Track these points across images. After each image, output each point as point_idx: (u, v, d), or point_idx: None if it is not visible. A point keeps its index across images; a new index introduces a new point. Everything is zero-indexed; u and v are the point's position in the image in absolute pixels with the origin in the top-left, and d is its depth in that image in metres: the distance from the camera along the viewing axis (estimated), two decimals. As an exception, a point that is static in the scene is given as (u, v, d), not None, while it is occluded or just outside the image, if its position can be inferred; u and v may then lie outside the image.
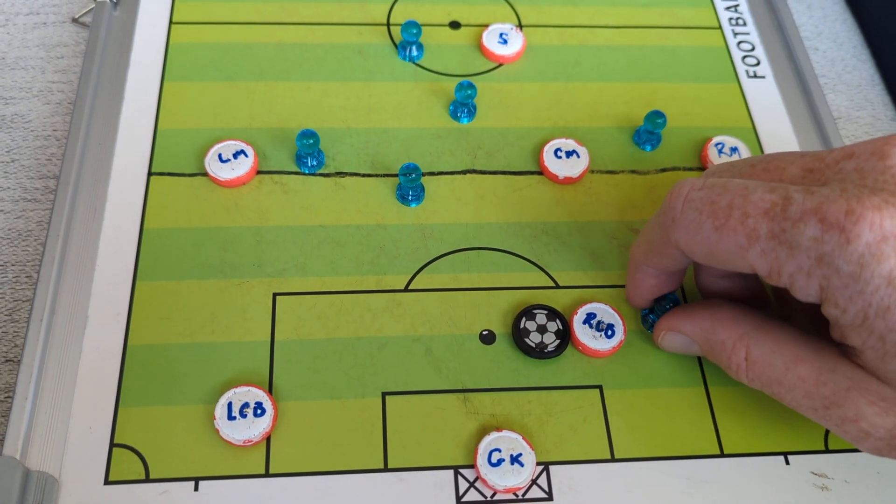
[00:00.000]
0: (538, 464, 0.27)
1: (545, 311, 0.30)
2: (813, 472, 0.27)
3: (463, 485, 0.26)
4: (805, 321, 0.27)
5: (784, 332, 0.25)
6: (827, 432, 0.28)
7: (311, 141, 0.32)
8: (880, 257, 0.20)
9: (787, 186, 0.23)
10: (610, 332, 0.29)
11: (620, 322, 0.29)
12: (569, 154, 0.34)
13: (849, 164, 0.23)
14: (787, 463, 0.28)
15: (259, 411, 0.27)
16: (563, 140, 0.34)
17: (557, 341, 0.29)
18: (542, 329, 0.29)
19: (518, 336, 0.29)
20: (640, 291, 0.29)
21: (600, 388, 0.29)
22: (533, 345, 0.29)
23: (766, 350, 0.25)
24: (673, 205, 0.25)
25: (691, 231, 0.24)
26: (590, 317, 0.29)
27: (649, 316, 0.30)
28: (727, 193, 0.23)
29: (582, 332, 0.29)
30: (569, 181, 0.33)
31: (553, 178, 0.33)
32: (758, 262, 0.23)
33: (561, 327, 0.29)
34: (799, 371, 0.24)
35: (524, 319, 0.29)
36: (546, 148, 0.34)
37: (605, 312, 0.30)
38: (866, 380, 0.23)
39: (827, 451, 0.28)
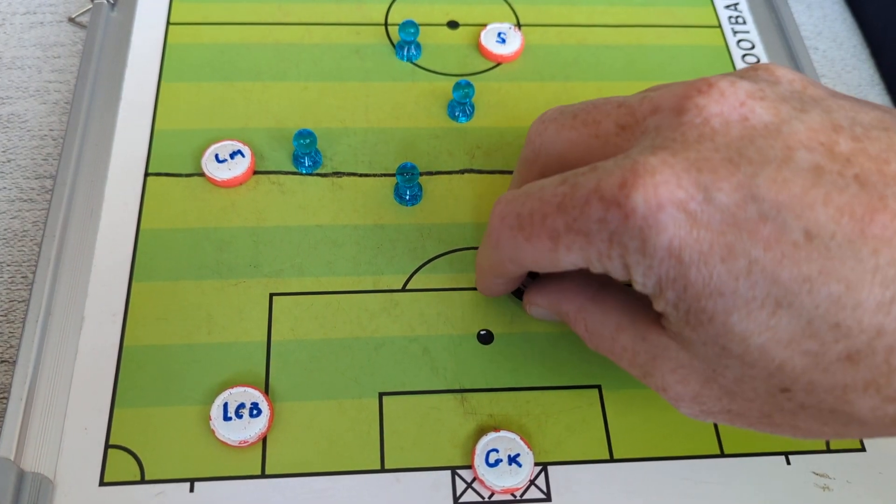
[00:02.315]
0: (536, 464, 0.27)
1: None
2: (814, 472, 0.27)
3: (460, 485, 0.26)
4: None
5: (615, 301, 0.24)
6: (827, 432, 0.28)
7: (308, 141, 0.32)
8: (658, 228, 0.19)
9: (576, 172, 0.22)
10: None
11: None
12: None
13: (653, 119, 0.22)
14: (788, 463, 0.27)
15: (255, 412, 0.27)
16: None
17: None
18: (533, 275, 0.29)
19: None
20: (492, 292, 0.29)
21: (599, 387, 0.28)
22: (524, 288, 0.29)
23: (596, 321, 0.25)
24: (493, 226, 0.24)
25: (511, 248, 0.23)
26: None
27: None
28: (528, 200, 0.23)
29: None
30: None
31: (551, 178, 0.33)
32: (570, 259, 0.22)
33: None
34: (621, 340, 0.24)
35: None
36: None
37: None
38: (669, 347, 0.22)
39: (828, 450, 0.28)
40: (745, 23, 0.40)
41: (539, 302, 0.27)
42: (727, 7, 0.40)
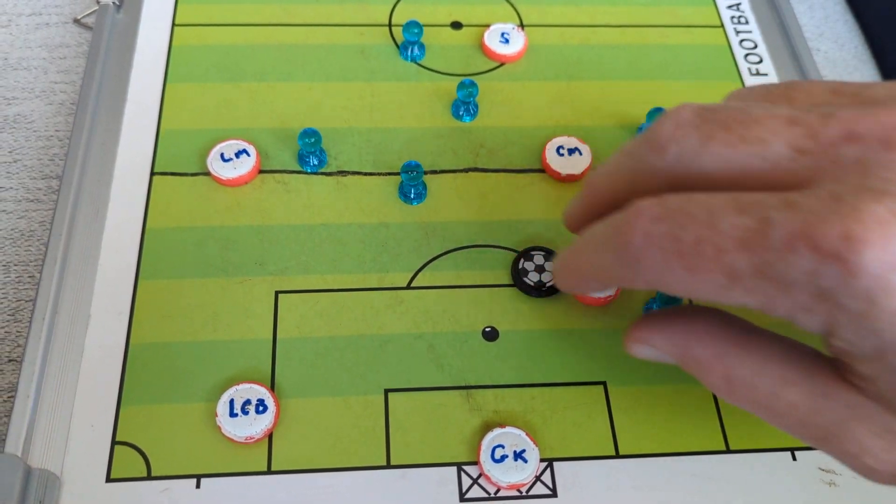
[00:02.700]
0: (542, 460, 0.27)
1: (542, 252, 0.31)
2: (820, 468, 0.27)
3: (466, 481, 0.26)
4: None
5: (769, 347, 0.21)
6: (833, 427, 0.28)
7: (313, 140, 0.32)
8: (891, 290, 0.17)
9: (760, 200, 0.18)
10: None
11: None
12: (571, 152, 0.33)
13: (850, 150, 0.18)
14: (794, 459, 0.27)
15: (261, 408, 0.27)
16: (565, 138, 0.34)
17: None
18: (540, 269, 0.30)
19: (517, 276, 0.30)
20: (579, 291, 0.26)
21: (604, 384, 0.28)
22: (532, 283, 0.30)
23: (748, 371, 0.21)
24: (631, 241, 0.20)
25: (658, 273, 0.20)
26: None
27: (653, 308, 0.30)
28: (691, 225, 0.19)
29: None
30: (571, 179, 0.33)
31: (555, 176, 0.33)
32: (745, 300, 0.19)
33: None
34: (788, 396, 0.20)
35: (522, 260, 0.30)
36: (548, 146, 0.34)
37: None
38: (868, 408, 0.19)
39: (833, 446, 0.28)
40: (747, 22, 0.40)
41: (655, 342, 0.24)
42: (729, 7, 0.40)
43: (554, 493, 0.26)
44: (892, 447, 0.19)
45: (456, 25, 0.38)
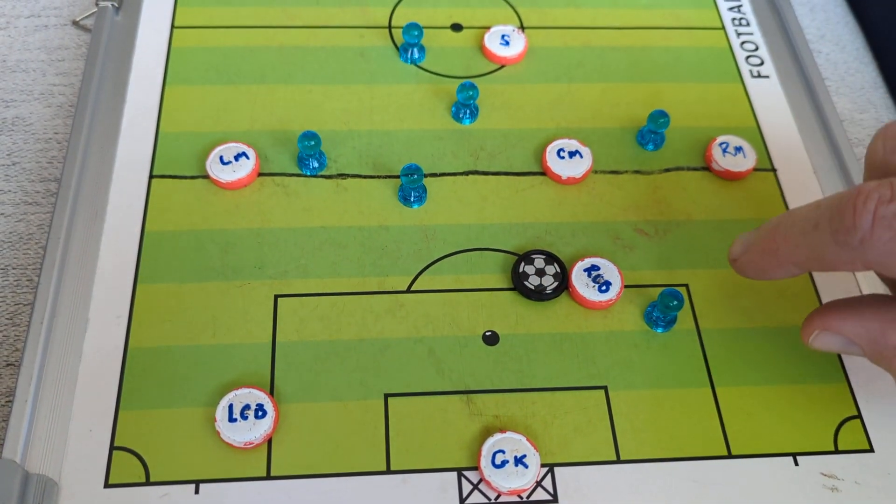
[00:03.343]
0: (543, 465, 0.27)
1: (543, 256, 0.31)
2: (822, 473, 0.27)
3: (467, 487, 0.26)
4: None
5: None
6: (837, 433, 0.28)
7: (313, 143, 0.32)
8: None
9: None
10: (604, 288, 0.30)
11: (619, 283, 0.30)
12: (571, 154, 0.33)
13: None
14: (797, 464, 0.27)
15: (260, 413, 0.26)
16: (566, 140, 0.34)
17: (555, 283, 0.30)
18: (540, 272, 0.30)
19: (517, 279, 0.30)
20: (769, 274, 0.25)
21: (605, 388, 0.28)
22: (532, 287, 0.30)
23: None
24: (860, 223, 0.21)
25: (888, 254, 0.20)
26: (592, 268, 0.30)
27: (653, 313, 0.30)
28: None
29: (578, 279, 0.30)
30: (572, 181, 0.33)
31: (556, 179, 0.33)
32: None
33: (559, 271, 0.30)
34: None
35: (523, 264, 0.30)
36: (549, 148, 0.33)
37: (609, 270, 0.30)
38: None
39: (836, 451, 0.28)
40: (748, 24, 0.40)
41: (846, 329, 0.24)
42: (731, 9, 0.40)
43: (555, 499, 0.26)
44: None
45: (456, 27, 0.38)
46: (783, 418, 0.28)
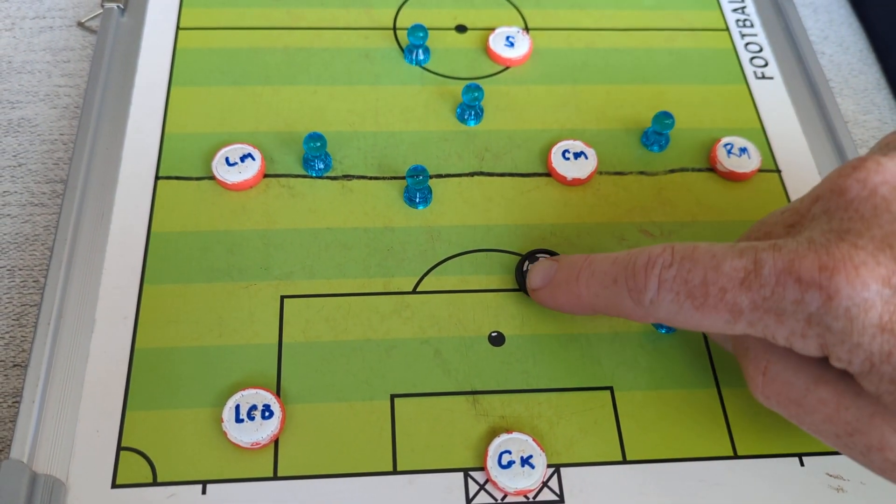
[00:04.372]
0: (549, 466, 0.27)
1: (546, 256, 0.31)
2: (828, 474, 0.27)
3: (473, 487, 0.26)
4: None
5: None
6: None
7: (319, 144, 0.32)
8: (866, 307, 0.20)
9: (754, 246, 0.22)
10: None
11: None
12: (577, 155, 0.33)
13: (817, 207, 0.22)
14: (802, 464, 0.27)
15: (267, 414, 0.27)
16: (571, 142, 0.34)
17: None
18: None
19: (521, 279, 0.30)
20: (567, 310, 0.28)
21: (611, 389, 0.28)
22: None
23: (787, 367, 0.23)
24: (647, 285, 0.24)
25: (672, 312, 0.23)
26: None
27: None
28: (698, 268, 0.23)
29: None
30: (577, 182, 0.33)
31: (561, 180, 0.33)
32: (749, 331, 0.22)
33: None
34: (820, 393, 0.22)
35: (526, 263, 0.30)
36: (554, 150, 0.34)
37: None
38: (891, 410, 0.21)
39: (842, 452, 0.28)
40: (752, 26, 0.40)
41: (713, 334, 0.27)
42: (735, 10, 0.40)
43: (561, 499, 0.26)
44: None
45: (461, 29, 0.38)
46: (789, 419, 0.28)
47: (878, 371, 0.20)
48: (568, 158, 0.33)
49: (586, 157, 0.33)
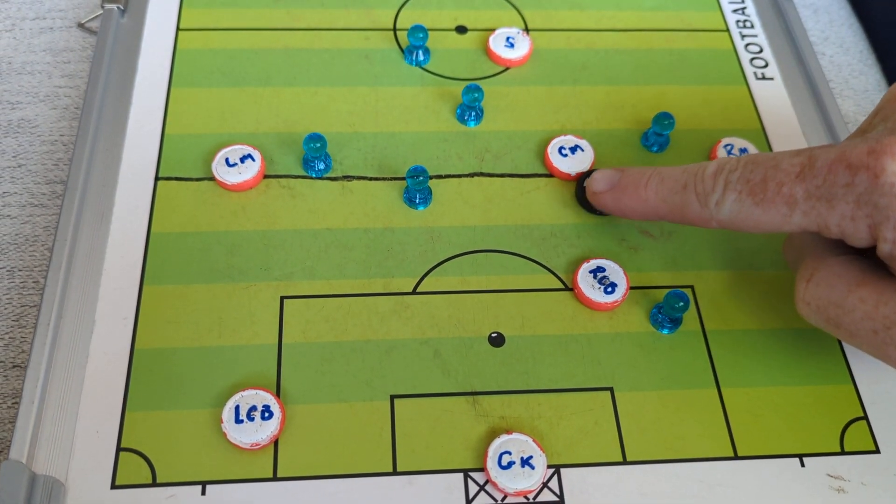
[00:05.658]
0: (549, 466, 0.27)
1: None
2: (829, 475, 0.27)
3: (473, 488, 0.26)
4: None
5: (854, 259, 0.25)
6: (843, 434, 0.28)
7: (319, 145, 0.32)
8: None
9: (810, 148, 0.24)
10: (610, 289, 0.30)
11: (625, 285, 0.30)
12: (573, 150, 0.33)
13: (877, 118, 0.25)
14: (803, 465, 0.27)
15: (267, 414, 0.26)
16: (562, 138, 0.34)
17: None
18: None
19: (580, 193, 0.32)
20: (622, 215, 0.31)
21: (611, 389, 0.28)
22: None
23: (831, 273, 0.25)
24: (714, 187, 0.26)
25: (734, 212, 0.26)
26: (598, 270, 0.30)
27: (659, 314, 0.30)
28: (759, 168, 0.25)
29: (584, 280, 0.30)
30: (581, 176, 0.33)
31: (565, 178, 0.33)
32: (804, 223, 0.24)
33: None
34: (860, 293, 0.24)
35: (586, 180, 0.32)
36: (549, 150, 0.33)
37: (615, 271, 0.30)
38: None
39: (843, 452, 0.28)
40: (752, 27, 0.40)
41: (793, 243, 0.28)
42: (735, 11, 0.40)
43: (561, 500, 0.26)
44: None
45: (461, 30, 0.38)
46: (789, 419, 0.28)
47: None
48: (565, 155, 0.33)
49: (582, 150, 0.34)
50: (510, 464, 0.26)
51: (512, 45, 0.37)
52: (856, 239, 0.24)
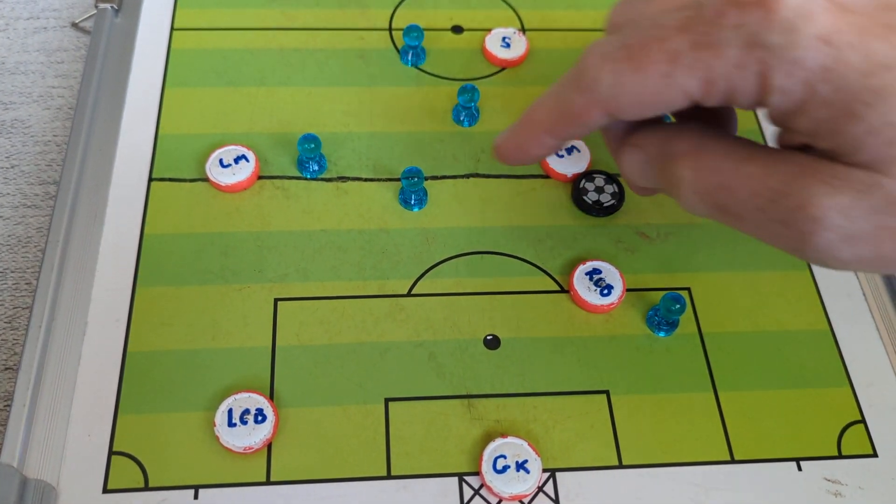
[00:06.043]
0: (544, 470, 0.26)
1: (604, 176, 0.33)
2: (826, 478, 0.27)
3: (468, 492, 0.26)
4: None
5: (737, 138, 0.23)
6: (840, 437, 0.28)
7: (313, 145, 0.31)
8: (808, 17, 0.19)
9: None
10: (606, 291, 0.30)
11: (621, 287, 0.30)
12: (569, 151, 0.33)
13: None
14: (800, 469, 0.27)
15: (260, 418, 0.26)
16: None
17: (613, 201, 0.32)
18: (599, 190, 0.32)
19: (577, 194, 0.32)
20: (529, 155, 0.27)
21: (607, 393, 0.28)
22: (590, 202, 0.32)
23: (717, 155, 0.23)
24: (589, 65, 0.23)
25: (611, 85, 0.23)
26: (594, 272, 0.30)
27: (655, 316, 0.29)
28: (638, 31, 0.22)
29: (580, 282, 0.30)
30: (577, 177, 0.33)
31: (561, 179, 0.33)
32: (688, 83, 0.21)
33: (617, 190, 0.32)
34: (748, 168, 0.22)
35: (584, 181, 0.32)
36: (549, 151, 0.33)
37: (611, 274, 0.30)
38: (819, 162, 0.21)
39: (840, 456, 0.27)
40: (750, 27, 0.39)
41: (644, 143, 0.25)
42: (732, 11, 0.40)
43: (556, 504, 0.26)
44: (836, 191, 0.20)
45: (457, 30, 0.38)
46: (786, 423, 0.28)
47: (817, 95, 0.20)
48: (561, 156, 0.33)
49: (578, 151, 0.33)
50: (505, 468, 0.26)
51: (508, 46, 0.37)
52: (745, 95, 0.21)
